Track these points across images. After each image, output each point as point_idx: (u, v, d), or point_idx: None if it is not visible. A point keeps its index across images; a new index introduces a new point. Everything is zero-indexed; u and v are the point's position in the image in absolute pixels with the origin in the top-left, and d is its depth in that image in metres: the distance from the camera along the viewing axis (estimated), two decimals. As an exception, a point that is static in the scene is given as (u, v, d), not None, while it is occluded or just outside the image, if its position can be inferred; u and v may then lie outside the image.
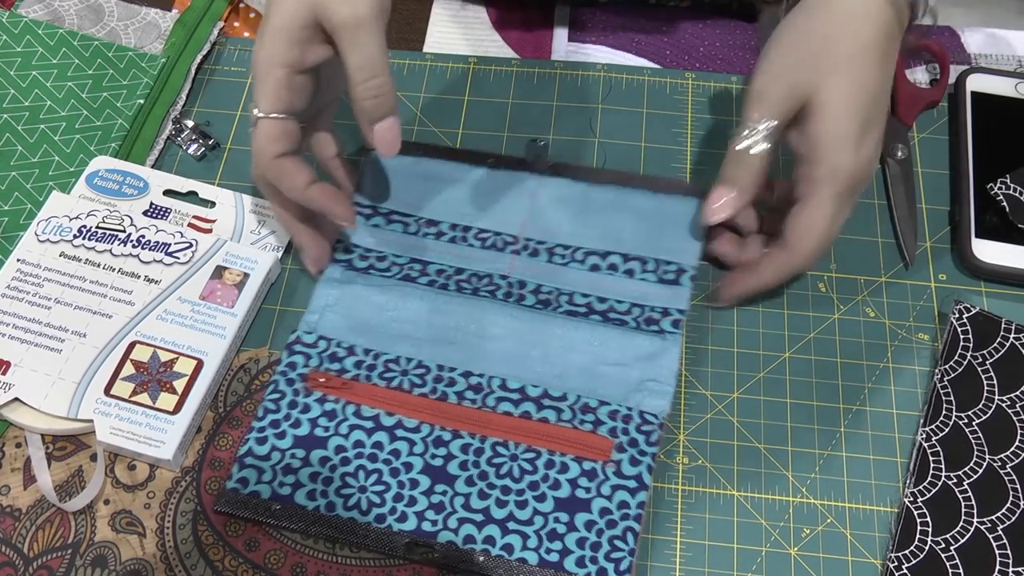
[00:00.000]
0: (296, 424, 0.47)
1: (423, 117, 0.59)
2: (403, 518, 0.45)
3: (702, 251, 0.51)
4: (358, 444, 0.47)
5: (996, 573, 0.44)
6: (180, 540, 0.46)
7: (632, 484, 0.45)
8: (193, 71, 0.60)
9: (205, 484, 0.47)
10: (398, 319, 0.50)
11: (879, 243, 0.54)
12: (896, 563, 0.45)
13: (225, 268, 0.51)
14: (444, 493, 0.45)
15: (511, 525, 0.45)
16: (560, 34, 0.63)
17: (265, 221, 0.54)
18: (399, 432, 0.47)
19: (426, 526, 0.45)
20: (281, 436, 0.47)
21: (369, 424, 0.47)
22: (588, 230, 0.52)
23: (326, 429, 0.47)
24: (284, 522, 0.45)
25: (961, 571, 0.44)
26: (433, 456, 0.46)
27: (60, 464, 0.47)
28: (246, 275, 0.51)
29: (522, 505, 0.45)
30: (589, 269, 0.51)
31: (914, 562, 0.45)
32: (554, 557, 0.44)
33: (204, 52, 0.61)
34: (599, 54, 0.63)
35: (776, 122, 0.46)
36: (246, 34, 0.63)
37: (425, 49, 0.63)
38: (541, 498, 0.45)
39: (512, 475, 0.46)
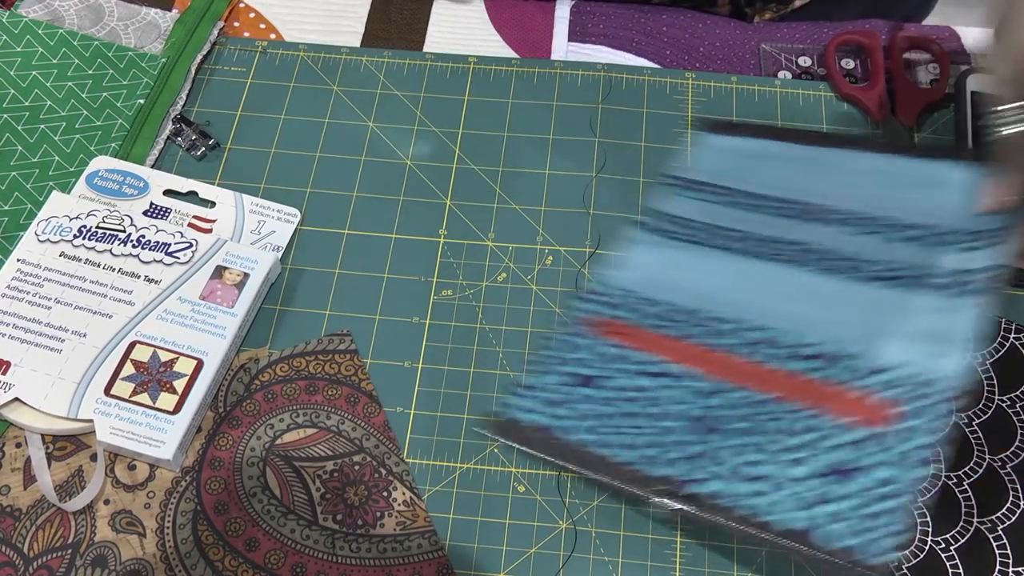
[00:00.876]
0: (576, 363, 0.49)
1: (423, 117, 0.59)
2: (672, 464, 0.45)
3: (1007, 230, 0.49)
4: (639, 389, 0.47)
5: (996, 573, 0.44)
6: (180, 540, 0.46)
7: (917, 456, 0.42)
8: (193, 71, 0.60)
9: (205, 484, 0.47)
10: (694, 276, 0.51)
11: (879, 243, 0.54)
12: (896, 563, 0.45)
13: (225, 268, 0.51)
14: (718, 445, 0.45)
15: (784, 484, 0.43)
16: (560, 34, 0.63)
17: (265, 221, 0.54)
18: (682, 382, 0.47)
19: (697, 474, 0.44)
20: (555, 374, 0.49)
21: (655, 369, 0.48)
22: (899, 204, 0.51)
23: (605, 372, 0.48)
24: (537, 450, 0.46)
25: (961, 571, 0.44)
26: (709, 407, 0.46)
27: (60, 464, 0.47)
28: (246, 275, 0.51)
29: (796, 463, 0.43)
30: (888, 241, 0.50)
31: (914, 562, 0.45)
32: (823, 522, 0.42)
33: (204, 52, 0.61)
34: (599, 54, 0.63)
35: (1013, 101, 0.44)
36: (246, 34, 0.63)
37: (425, 49, 0.63)
38: (817, 460, 0.43)
39: (790, 432, 0.44)
